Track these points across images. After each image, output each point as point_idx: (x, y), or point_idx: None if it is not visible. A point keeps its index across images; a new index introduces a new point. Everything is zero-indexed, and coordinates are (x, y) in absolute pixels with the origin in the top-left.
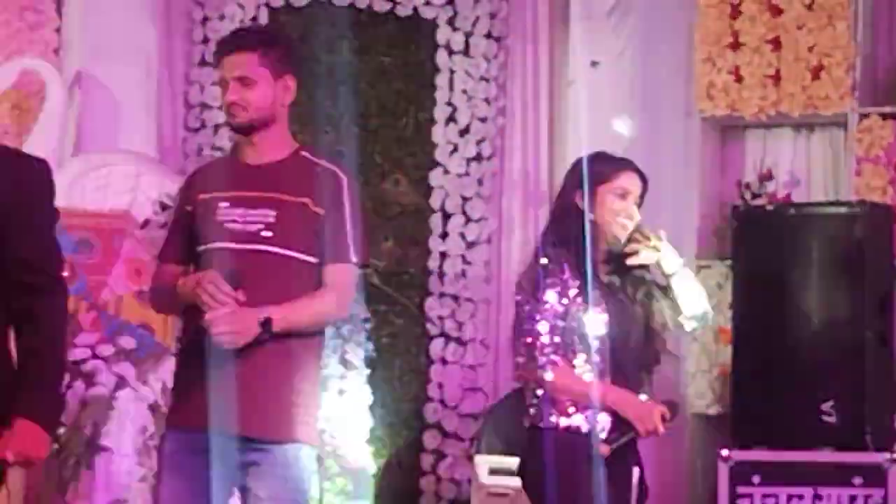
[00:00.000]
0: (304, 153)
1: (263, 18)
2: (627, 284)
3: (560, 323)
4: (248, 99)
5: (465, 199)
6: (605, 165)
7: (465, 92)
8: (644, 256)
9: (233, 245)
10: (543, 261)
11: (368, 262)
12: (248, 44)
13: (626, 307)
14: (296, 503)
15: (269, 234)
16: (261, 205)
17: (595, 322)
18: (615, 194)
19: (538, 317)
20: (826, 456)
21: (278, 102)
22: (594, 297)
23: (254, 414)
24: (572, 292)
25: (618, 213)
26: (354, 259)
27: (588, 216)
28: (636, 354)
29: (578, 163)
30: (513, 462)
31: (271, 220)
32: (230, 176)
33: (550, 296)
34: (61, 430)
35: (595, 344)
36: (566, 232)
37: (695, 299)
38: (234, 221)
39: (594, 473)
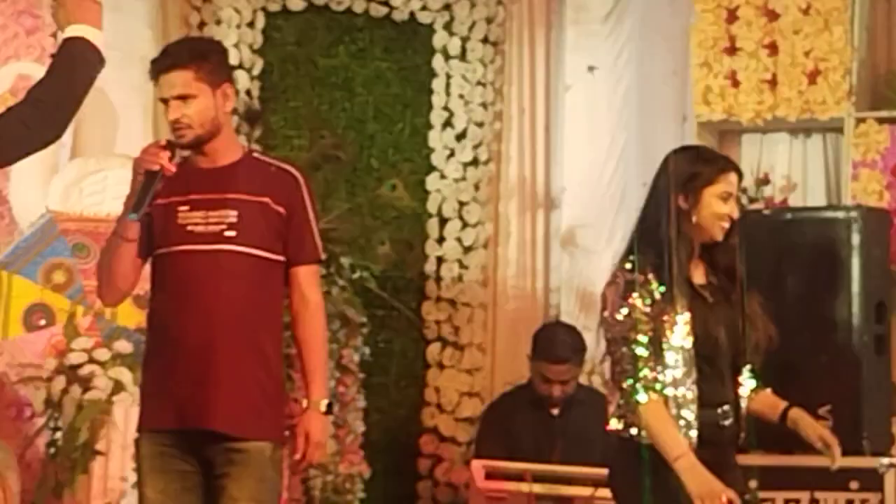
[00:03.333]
0: (255, 155)
1: (260, 23)
2: (724, 283)
3: (649, 331)
4: (190, 115)
5: (461, 203)
6: (707, 166)
7: (461, 96)
8: None
9: (197, 247)
10: (628, 266)
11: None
12: (181, 61)
13: (718, 308)
14: (272, 503)
15: (233, 233)
16: (222, 206)
17: (682, 328)
18: (720, 198)
19: (629, 331)
20: (823, 460)
21: (221, 111)
22: (682, 302)
23: (228, 413)
24: (657, 297)
25: (721, 217)
26: (322, 256)
27: (693, 218)
28: (728, 357)
29: (674, 161)
30: (510, 465)
31: (233, 219)
32: (186, 180)
33: (638, 302)
34: (58, 435)
35: (683, 351)
36: (662, 235)
37: None
38: (196, 224)
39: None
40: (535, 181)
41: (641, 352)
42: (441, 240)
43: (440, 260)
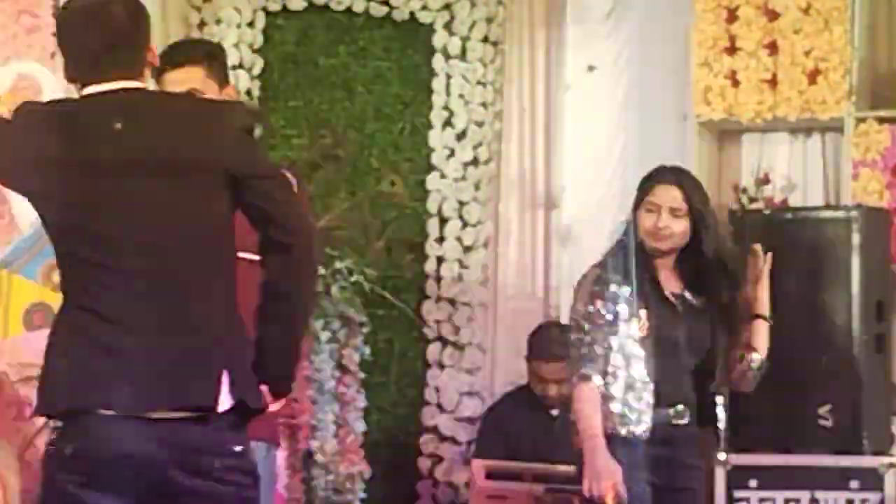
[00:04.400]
0: None
1: (260, 22)
2: (699, 300)
3: (604, 330)
4: None
5: (461, 203)
6: (643, 182)
7: (461, 96)
8: None
9: None
10: (597, 271)
11: None
12: (192, 57)
13: (686, 316)
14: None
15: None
16: None
17: (637, 329)
18: (646, 210)
19: (585, 323)
20: (823, 460)
21: None
22: (641, 305)
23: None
24: (619, 297)
25: (647, 231)
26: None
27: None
28: (690, 361)
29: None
30: (510, 465)
31: None
32: None
33: (598, 299)
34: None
35: (636, 350)
36: (628, 245)
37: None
38: None
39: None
40: (535, 181)
41: (593, 344)
42: (441, 239)
43: (440, 259)
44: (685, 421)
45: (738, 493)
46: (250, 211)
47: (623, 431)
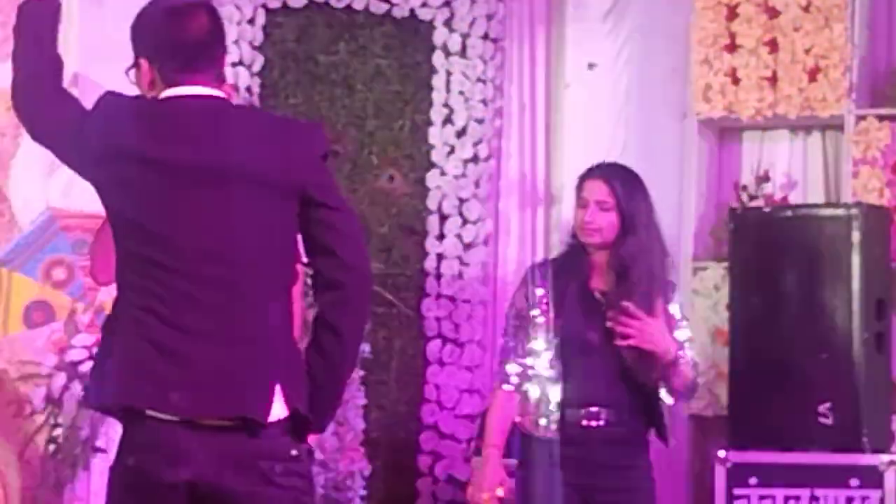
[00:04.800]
0: None
1: (260, 19)
2: (623, 290)
3: (525, 329)
4: None
5: (461, 200)
6: (578, 179)
7: (461, 93)
8: None
9: None
10: (526, 271)
11: None
12: None
13: (609, 314)
14: None
15: None
16: None
17: (551, 328)
18: (579, 206)
19: (509, 324)
20: (823, 458)
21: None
22: (558, 304)
23: None
24: (536, 296)
25: (578, 225)
26: (304, 259)
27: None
28: (609, 360)
29: None
30: (511, 463)
31: None
32: None
33: (519, 298)
34: (58, 431)
35: (548, 350)
36: (571, 243)
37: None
38: None
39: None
40: (535, 178)
41: (511, 344)
42: (441, 237)
43: (440, 257)
44: (600, 422)
45: (737, 491)
46: (310, 238)
47: (537, 432)
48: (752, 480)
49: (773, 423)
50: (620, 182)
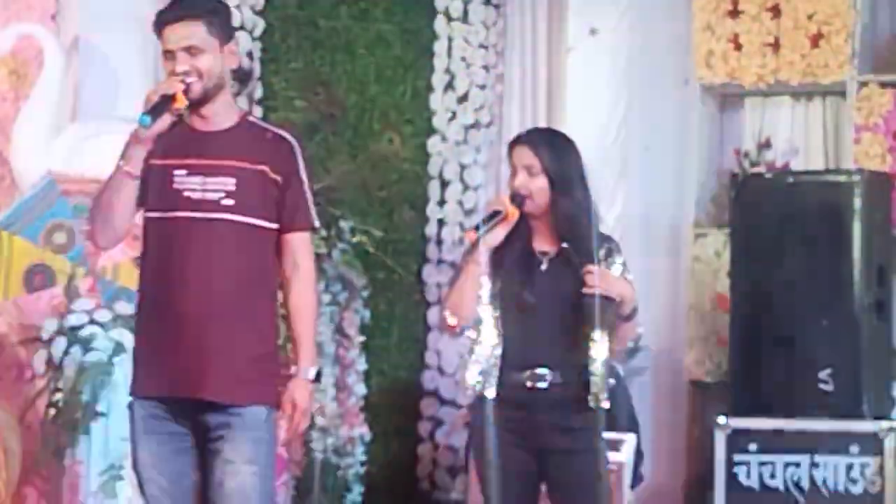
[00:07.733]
0: (251, 118)
1: None
2: (569, 260)
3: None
4: (198, 68)
5: (462, 166)
6: (507, 148)
7: (463, 59)
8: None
9: (193, 214)
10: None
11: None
12: (193, 12)
13: (550, 275)
14: (268, 466)
15: (231, 202)
16: (220, 172)
17: (486, 290)
18: (511, 174)
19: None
20: (823, 424)
21: (226, 69)
22: (488, 266)
23: (221, 382)
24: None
25: (511, 191)
26: (316, 224)
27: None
28: (552, 321)
29: None
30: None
31: (231, 188)
32: (183, 142)
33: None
34: (58, 396)
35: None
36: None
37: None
38: (194, 190)
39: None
40: None
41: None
42: (442, 202)
43: (441, 223)
44: (544, 384)
45: (737, 457)
46: None
47: (480, 394)
48: (752, 447)
49: (774, 389)
50: (547, 145)
